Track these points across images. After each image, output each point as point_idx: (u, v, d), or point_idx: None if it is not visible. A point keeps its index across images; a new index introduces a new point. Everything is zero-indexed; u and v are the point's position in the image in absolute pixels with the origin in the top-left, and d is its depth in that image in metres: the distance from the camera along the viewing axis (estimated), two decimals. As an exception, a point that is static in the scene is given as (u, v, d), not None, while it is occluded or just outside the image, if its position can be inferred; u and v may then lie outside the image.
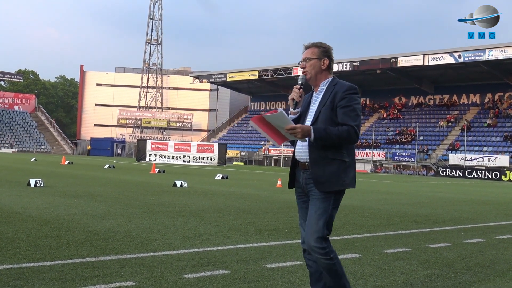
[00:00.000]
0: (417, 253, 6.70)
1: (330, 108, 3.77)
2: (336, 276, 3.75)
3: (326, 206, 3.74)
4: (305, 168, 3.85)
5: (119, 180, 19.30)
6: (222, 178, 23.28)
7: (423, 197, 17.59)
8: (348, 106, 3.72)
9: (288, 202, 13.18)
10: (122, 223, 8.06)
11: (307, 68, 3.92)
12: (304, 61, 3.94)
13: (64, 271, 4.82)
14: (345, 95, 3.75)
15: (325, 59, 3.91)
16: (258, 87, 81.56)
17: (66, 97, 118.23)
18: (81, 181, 17.82)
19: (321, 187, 3.72)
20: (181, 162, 49.58)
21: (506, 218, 11.83)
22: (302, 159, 3.88)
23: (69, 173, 22.86)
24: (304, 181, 3.87)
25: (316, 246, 3.69)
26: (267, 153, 69.25)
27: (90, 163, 39.73)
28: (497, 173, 47.68)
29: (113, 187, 15.65)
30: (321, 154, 3.74)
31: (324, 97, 3.86)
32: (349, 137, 3.66)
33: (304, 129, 3.59)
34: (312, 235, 3.71)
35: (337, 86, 3.84)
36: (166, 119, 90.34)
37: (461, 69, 59.20)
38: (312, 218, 3.74)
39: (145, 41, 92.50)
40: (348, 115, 3.71)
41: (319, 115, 3.80)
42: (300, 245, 4.16)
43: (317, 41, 3.97)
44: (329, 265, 3.71)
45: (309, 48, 3.94)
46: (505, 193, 23.79)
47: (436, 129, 62.56)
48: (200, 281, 4.70)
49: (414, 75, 64.56)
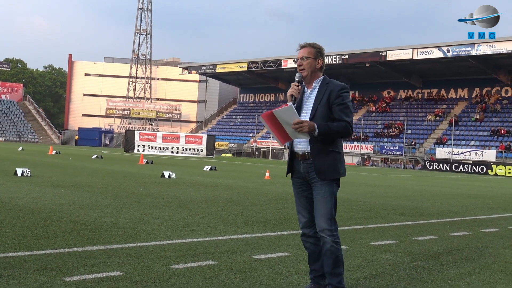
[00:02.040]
0: (403, 245, 6.75)
1: (326, 106, 4.08)
2: (336, 262, 4.06)
3: (331, 189, 4.11)
4: (305, 159, 4.16)
5: (107, 170, 19.22)
6: (211, 170, 23.26)
7: (410, 190, 17.69)
8: (343, 104, 4.07)
9: (276, 194, 13.20)
10: (109, 213, 8.03)
11: (304, 66, 4.18)
12: (301, 59, 4.18)
13: (51, 261, 4.80)
14: (340, 93, 4.08)
15: (320, 59, 4.22)
16: (247, 78, 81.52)
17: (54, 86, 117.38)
18: (69, 171, 17.73)
19: (322, 176, 4.08)
20: (169, 153, 49.44)
21: (492, 212, 11.93)
22: (301, 151, 4.18)
23: (57, 163, 22.73)
24: (305, 170, 4.17)
25: (327, 228, 4.05)
26: (256, 145, 69.26)
27: (77, 153, 39.53)
28: (483, 167, 48.05)
29: (101, 177, 15.59)
30: (321, 147, 4.07)
31: (318, 95, 4.14)
32: (346, 132, 4.05)
33: (310, 124, 3.91)
34: (322, 217, 4.08)
35: (331, 85, 4.14)
36: (155, 110, 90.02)
37: (449, 63, 59.46)
38: (320, 202, 4.10)
39: (134, 31, 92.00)
40: (344, 111, 4.06)
41: (316, 111, 4.09)
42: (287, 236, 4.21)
43: (311, 42, 4.25)
44: (335, 250, 4.05)
45: (305, 48, 4.20)
46: (491, 187, 23.99)
47: (424, 123, 62.89)
48: (187, 272, 4.71)
49: (403, 69, 64.78)
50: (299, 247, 6.11)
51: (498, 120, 57.47)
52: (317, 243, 4.24)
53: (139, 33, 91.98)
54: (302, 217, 4.29)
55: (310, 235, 4.27)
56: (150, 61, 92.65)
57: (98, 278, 4.33)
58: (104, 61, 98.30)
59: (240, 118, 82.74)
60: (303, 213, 4.28)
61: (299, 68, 4.21)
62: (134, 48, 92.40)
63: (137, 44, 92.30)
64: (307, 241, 4.30)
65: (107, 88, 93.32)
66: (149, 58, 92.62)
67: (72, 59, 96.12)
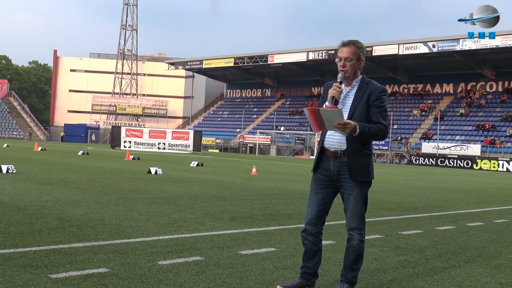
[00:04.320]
0: (389, 240, 6.79)
1: (365, 106, 4.07)
2: (358, 259, 4.19)
3: (363, 191, 4.17)
4: (336, 157, 4.15)
5: (93, 166, 19.13)
6: (197, 165, 23.22)
7: (396, 185, 17.79)
8: (382, 107, 4.09)
9: (263, 189, 13.22)
10: (95, 209, 8.00)
11: (348, 67, 4.12)
12: (345, 60, 4.11)
13: (36, 258, 4.77)
14: (379, 96, 4.09)
15: (362, 60, 4.18)
16: (234, 74, 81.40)
17: (39, 82, 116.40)
18: (54, 167, 17.61)
19: (354, 177, 4.10)
20: (156, 149, 49.30)
21: (477, 206, 12.03)
22: (333, 148, 4.16)
23: (42, 159, 22.58)
24: (335, 168, 4.16)
25: (357, 227, 4.16)
26: (243, 141, 69.22)
27: (63, 149, 39.28)
28: (468, 162, 48.42)
29: (87, 173, 15.50)
30: (356, 147, 4.09)
31: (358, 95, 4.12)
32: (382, 134, 4.09)
33: (353, 125, 3.88)
34: (353, 217, 4.16)
35: (370, 86, 4.14)
36: (141, 105, 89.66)
37: (435, 58, 59.82)
38: (352, 202, 4.15)
39: (120, 27, 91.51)
40: (382, 114, 4.08)
41: (355, 111, 4.08)
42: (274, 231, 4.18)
43: (354, 40, 4.20)
44: (359, 248, 4.16)
45: (348, 47, 4.13)
46: (476, 181, 24.19)
47: (410, 118, 63.21)
48: (174, 268, 4.70)
49: (389, 64, 65.05)
50: (285, 242, 6.13)
51: (483, 114, 57.92)
52: (316, 242, 4.26)
53: (125, 29, 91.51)
54: (310, 213, 4.28)
55: (311, 233, 4.25)
56: (136, 56, 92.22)
57: (84, 275, 4.31)
58: (90, 56, 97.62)
59: (227, 114, 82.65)
60: (313, 209, 4.27)
61: (341, 69, 4.13)
62: (120, 44, 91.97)
63: (123, 40, 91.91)
64: (307, 239, 4.28)
65: (93, 84, 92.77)
66: (135, 54, 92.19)
67: (57, 54, 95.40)
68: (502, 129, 54.08)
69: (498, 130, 54.09)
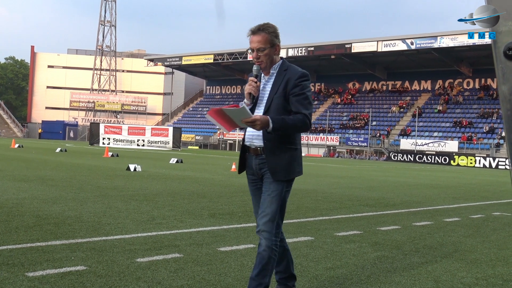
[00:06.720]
0: (367, 235, 6.84)
1: (282, 96, 3.63)
2: (265, 270, 3.60)
3: (280, 189, 3.66)
4: (257, 154, 3.74)
5: (71, 164, 18.96)
6: (177, 162, 23.15)
7: (374, 181, 17.92)
8: (301, 94, 3.60)
9: (242, 186, 13.22)
10: (73, 207, 7.94)
11: (262, 58, 3.66)
12: (258, 50, 3.64)
13: (13, 256, 4.72)
14: (298, 82, 3.61)
15: (277, 44, 3.69)
16: (213, 71, 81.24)
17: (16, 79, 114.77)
18: (32, 164, 17.42)
19: (276, 176, 3.64)
20: (135, 146, 49.03)
21: (454, 202, 12.18)
22: (253, 145, 3.75)
23: (19, 156, 22.32)
24: (257, 166, 3.75)
25: (266, 230, 3.61)
26: (222, 138, 69.16)
27: (41, 146, 38.86)
28: (446, 158, 48.96)
29: (65, 171, 15.37)
30: (275, 143, 3.64)
31: (275, 84, 3.69)
32: (304, 126, 3.57)
33: (263, 121, 3.43)
34: (263, 218, 3.64)
35: (289, 71, 3.68)
36: (120, 102, 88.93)
37: (413, 55, 60.34)
38: (265, 201, 3.66)
39: (99, 23, 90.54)
40: (302, 103, 3.59)
41: (271, 103, 3.65)
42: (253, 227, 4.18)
43: (263, 24, 3.67)
44: (266, 256, 3.59)
45: (258, 35, 3.64)
46: (454, 177, 24.46)
47: (388, 114, 63.66)
48: (153, 265, 4.69)
49: (368, 61, 65.41)
50: (264, 239, 6.14)
51: (460, 111, 58.56)
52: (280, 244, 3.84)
53: (103, 25, 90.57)
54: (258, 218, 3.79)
55: None
56: (115, 53, 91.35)
57: (61, 273, 4.28)
58: (68, 52, 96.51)
59: (206, 111, 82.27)
60: None
61: (256, 61, 3.67)
62: (98, 40, 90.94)
63: (102, 36, 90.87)
64: None
65: (71, 81, 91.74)
66: (113, 50, 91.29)
67: (34, 50, 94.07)
68: (478, 125, 54.71)
69: (475, 127, 54.71)
